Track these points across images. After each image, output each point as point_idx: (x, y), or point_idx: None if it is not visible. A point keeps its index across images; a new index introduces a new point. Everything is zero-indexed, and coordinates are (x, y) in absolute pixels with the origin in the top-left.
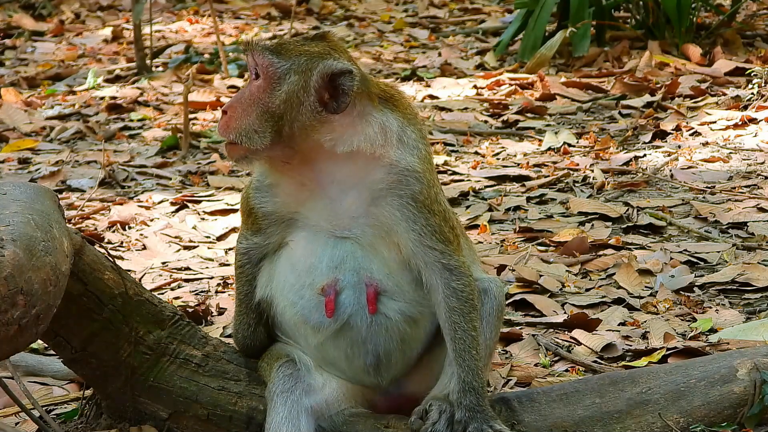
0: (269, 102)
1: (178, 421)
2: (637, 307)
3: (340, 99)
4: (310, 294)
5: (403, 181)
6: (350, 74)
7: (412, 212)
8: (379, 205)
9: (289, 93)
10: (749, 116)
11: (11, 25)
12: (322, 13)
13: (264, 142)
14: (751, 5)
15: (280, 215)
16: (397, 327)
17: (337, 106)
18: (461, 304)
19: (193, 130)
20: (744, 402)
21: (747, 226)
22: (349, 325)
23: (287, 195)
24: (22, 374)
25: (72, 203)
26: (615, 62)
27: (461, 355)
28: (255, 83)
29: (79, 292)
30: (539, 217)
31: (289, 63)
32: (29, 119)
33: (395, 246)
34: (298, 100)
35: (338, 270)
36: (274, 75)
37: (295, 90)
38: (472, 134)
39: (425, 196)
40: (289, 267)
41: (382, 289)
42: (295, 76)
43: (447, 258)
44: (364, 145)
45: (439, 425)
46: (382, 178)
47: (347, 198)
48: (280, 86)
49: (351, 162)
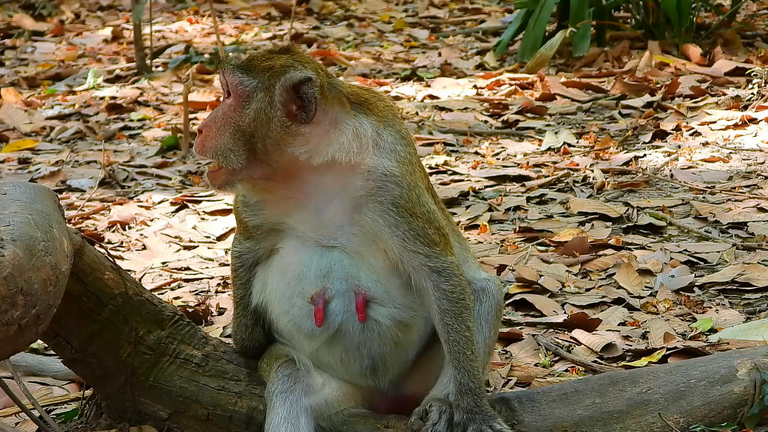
0: (239, 121)
1: (178, 421)
2: (637, 307)
3: (307, 108)
4: (301, 303)
5: (382, 186)
6: (310, 82)
7: (394, 217)
8: (361, 212)
9: (257, 110)
10: (749, 116)
11: (11, 25)
12: (322, 13)
13: (240, 161)
14: (751, 5)
15: (268, 226)
16: (388, 332)
17: (306, 116)
18: (452, 306)
19: (193, 130)
20: (744, 402)
21: (747, 226)
22: (341, 332)
23: (273, 209)
24: (22, 374)
25: (72, 203)
26: (615, 62)
27: (456, 357)
28: (227, 102)
29: (79, 292)
30: (539, 217)
31: (256, 81)
32: (29, 119)
33: (382, 252)
34: (266, 116)
35: (327, 279)
36: (243, 93)
37: (262, 107)
38: (472, 134)
39: (406, 200)
40: (280, 275)
41: (371, 297)
42: (261, 93)
43: (434, 261)
44: (339, 155)
45: (439, 426)
46: (361, 186)
47: (330, 207)
48: (249, 104)
49: (329, 172)
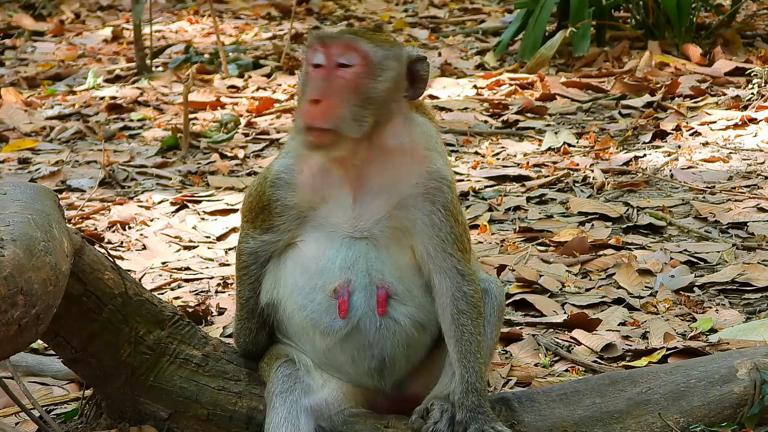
0: (371, 89)
1: (178, 421)
2: (637, 307)
3: (418, 85)
4: (321, 297)
5: (439, 188)
6: (425, 61)
7: (441, 219)
8: (406, 208)
9: (392, 79)
10: (749, 116)
11: (11, 25)
12: (322, 13)
13: (363, 129)
14: (751, 5)
15: (299, 211)
16: (404, 332)
17: (415, 92)
18: (470, 308)
19: (193, 130)
20: (744, 402)
21: (747, 226)
22: (357, 328)
23: (312, 190)
24: (22, 374)
25: (72, 203)
26: (615, 62)
27: (466, 357)
28: (344, 72)
29: (79, 292)
30: (539, 217)
31: (386, 50)
32: (29, 119)
33: (409, 249)
34: (397, 85)
35: (351, 271)
36: (374, 62)
37: (395, 76)
38: (472, 134)
39: (453, 205)
40: (298, 269)
41: (393, 293)
42: (394, 62)
43: (462, 264)
44: (413, 144)
45: (440, 425)
46: (419, 183)
47: (376, 198)
48: (382, 73)
49: (396, 160)
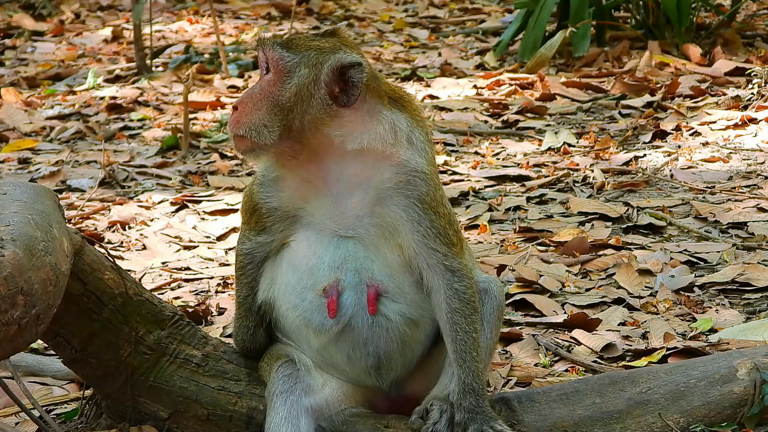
0: (279, 95)
1: (178, 421)
2: (637, 307)
3: (350, 92)
4: (312, 296)
5: (411, 181)
6: (359, 66)
7: (418, 213)
8: (384, 204)
9: (299, 86)
10: (749, 116)
11: (11, 25)
12: (322, 13)
13: (272, 137)
14: (751, 5)
15: (284, 211)
16: (397, 329)
17: (347, 99)
18: (463, 306)
19: (193, 130)
20: (744, 402)
21: (747, 226)
22: (350, 327)
23: (292, 190)
24: (22, 374)
25: (72, 203)
26: (615, 62)
27: (462, 357)
28: (265, 78)
29: (79, 292)
30: (539, 217)
31: (299, 57)
32: (29, 119)
33: (398, 247)
34: (309, 93)
35: (340, 270)
36: (284, 68)
37: (305, 83)
38: (472, 134)
39: (431, 198)
40: (290, 269)
41: (383, 291)
42: (306, 69)
43: (450, 260)
44: (374, 143)
45: (439, 425)
46: (389, 178)
47: (353, 197)
48: (291, 79)
49: (359, 160)
